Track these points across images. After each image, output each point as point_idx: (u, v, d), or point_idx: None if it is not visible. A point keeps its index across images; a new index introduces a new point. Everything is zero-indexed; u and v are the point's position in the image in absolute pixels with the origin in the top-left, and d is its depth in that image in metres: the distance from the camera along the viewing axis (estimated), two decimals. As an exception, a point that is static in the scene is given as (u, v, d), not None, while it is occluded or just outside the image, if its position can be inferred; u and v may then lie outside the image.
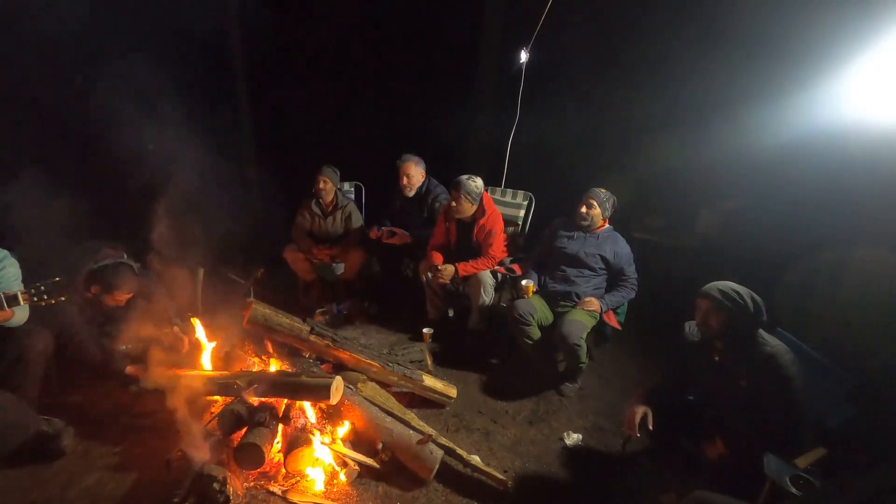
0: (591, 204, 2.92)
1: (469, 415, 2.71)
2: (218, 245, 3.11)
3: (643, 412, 2.07)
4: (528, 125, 3.81)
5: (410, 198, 3.65)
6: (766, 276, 2.75)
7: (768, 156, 3.10)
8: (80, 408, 2.45)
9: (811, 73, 2.67)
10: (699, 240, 3.82)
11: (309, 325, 2.65)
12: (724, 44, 3.39)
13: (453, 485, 2.21)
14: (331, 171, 3.61)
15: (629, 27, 4.01)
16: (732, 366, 1.96)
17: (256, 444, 2.08)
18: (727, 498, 1.59)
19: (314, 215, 3.70)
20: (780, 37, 3.01)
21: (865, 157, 2.55)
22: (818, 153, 2.75)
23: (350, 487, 2.14)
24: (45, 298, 2.06)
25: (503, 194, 3.78)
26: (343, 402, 2.30)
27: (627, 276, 2.93)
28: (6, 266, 2.22)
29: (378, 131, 4.98)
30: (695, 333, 2.13)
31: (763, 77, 3.17)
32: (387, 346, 3.27)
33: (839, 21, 2.52)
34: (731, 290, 1.90)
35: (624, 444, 2.42)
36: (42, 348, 2.25)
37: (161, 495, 1.98)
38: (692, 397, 2.24)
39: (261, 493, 2.07)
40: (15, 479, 2.08)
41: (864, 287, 2.63)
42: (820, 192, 2.85)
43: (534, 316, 2.82)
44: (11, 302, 2.06)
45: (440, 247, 3.38)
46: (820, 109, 2.64)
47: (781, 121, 2.89)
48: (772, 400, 1.85)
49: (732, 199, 3.69)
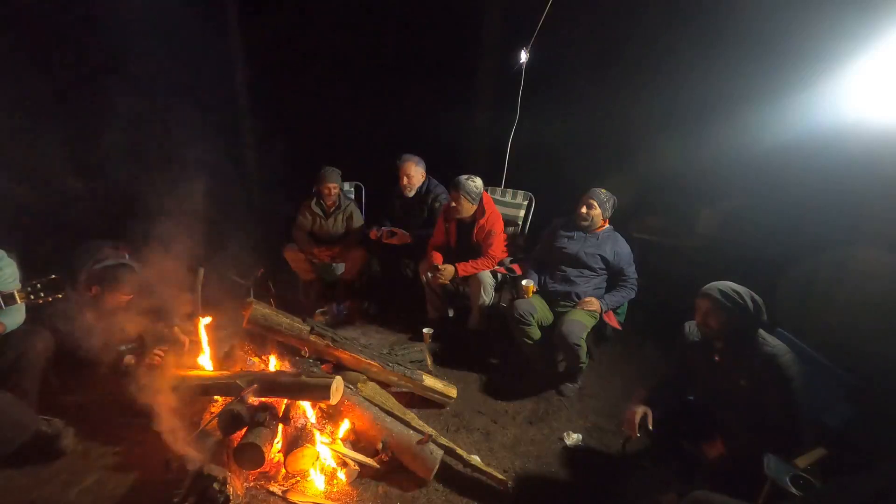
0: (591, 204, 2.92)
1: (469, 415, 2.71)
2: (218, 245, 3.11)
3: (643, 412, 2.07)
4: (528, 125, 3.81)
5: (410, 198, 3.65)
6: (766, 276, 2.75)
7: (768, 156, 3.10)
8: (80, 408, 2.45)
9: (811, 73, 2.67)
10: (699, 240, 3.82)
11: (309, 325, 2.66)
12: (724, 44, 3.38)
13: (453, 485, 2.21)
14: (335, 174, 3.60)
15: (629, 27, 4.01)
16: (732, 366, 1.96)
17: (256, 444, 2.08)
18: (727, 498, 1.58)
19: (315, 216, 3.70)
20: (780, 37, 3.01)
21: (865, 157, 2.54)
22: (818, 153, 2.75)
23: (350, 487, 2.14)
24: (41, 296, 2.06)
25: (503, 194, 3.78)
26: (343, 402, 2.30)
27: (627, 277, 2.93)
28: (3, 266, 2.23)
29: (378, 131, 4.99)
30: (695, 333, 2.12)
31: (763, 77, 3.17)
32: (387, 346, 3.26)
33: (839, 21, 2.51)
34: (731, 291, 1.90)
35: (624, 444, 2.42)
36: (42, 348, 2.25)
37: (161, 495, 1.97)
38: (692, 397, 2.24)
39: (261, 493, 2.08)
40: (15, 479, 2.08)
41: (864, 287, 2.63)
42: (820, 192, 2.85)
43: (534, 316, 2.82)
44: (8, 301, 2.06)
45: (440, 247, 3.38)
46: (820, 109, 2.64)
47: (781, 121, 2.89)
48: (772, 400, 1.85)
49: (732, 200, 3.69)
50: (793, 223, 3.08)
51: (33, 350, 2.21)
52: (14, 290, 2.06)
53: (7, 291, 2.06)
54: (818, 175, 2.83)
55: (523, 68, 3.62)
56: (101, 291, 2.54)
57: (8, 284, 2.21)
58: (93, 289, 2.54)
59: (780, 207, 3.21)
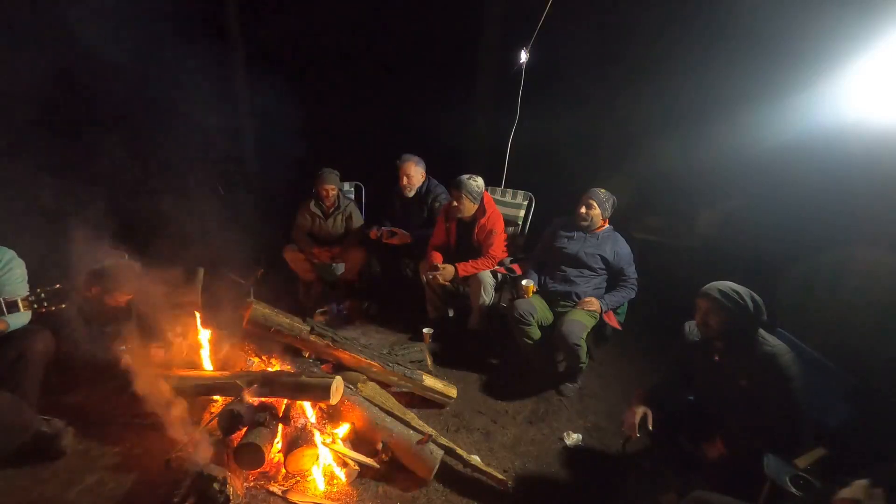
0: (591, 204, 2.92)
1: (469, 415, 2.71)
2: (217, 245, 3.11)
3: (643, 412, 2.07)
4: (528, 125, 3.81)
5: (410, 198, 3.65)
6: (766, 276, 2.75)
7: (768, 156, 3.10)
8: (80, 408, 2.45)
9: (811, 74, 2.67)
10: (699, 240, 3.83)
11: (309, 325, 2.65)
12: (724, 44, 3.39)
13: (453, 485, 2.21)
14: (333, 176, 3.60)
15: (629, 27, 4.02)
16: (732, 366, 1.96)
17: (256, 444, 2.08)
18: (727, 498, 1.59)
19: (314, 216, 3.70)
20: (780, 37, 3.01)
21: (865, 157, 2.54)
22: (818, 153, 2.75)
23: (350, 487, 2.14)
24: (45, 305, 2.05)
25: (503, 194, 3.78)
26: (343, 402, 2.30)
27: (627, 276, 2.93)
28: (13, 267, 2.23)
29: (378, 131, 4.99)
30: (695, 333, 2.12)
31: (763, 77, 3.17)
32: (387, 346, 3.26)
33: (839, 21, 2.51)
34: (731, 291, 1.90)
35: (624, 444, 2.42)
36: (42, 348, 2.24)
37: (161, 495, 1.98)
38: (692, 397, 2.24)
39: (261, 493, 2.08)
40: (15, 478, 2.08)
41: (864, 287, 2.62)
42: (820, 192, 2.85)
43: (534, 316, 2.82)
44: (11, 308, 2.05)
45: (440, 247, 3.37)
46: (820, 110, 2.64)
47: (781, 121, 2.89)
48: (772, 400, 1.85)
49: (732, 200, 3.69)
50: (792, 223, 3.08)
51: (33, 350, 2.21)
52: (18, 297, 2.05)
53: (11, 299, 2.05)
54: (818, 175, 2.83)
55: (523, 68, 3.62)
56: (100, 291, 2.54)
57: (17, 285, 2.21)
58: (93, 289, 2.54)
59: (780, 207, 3.21)
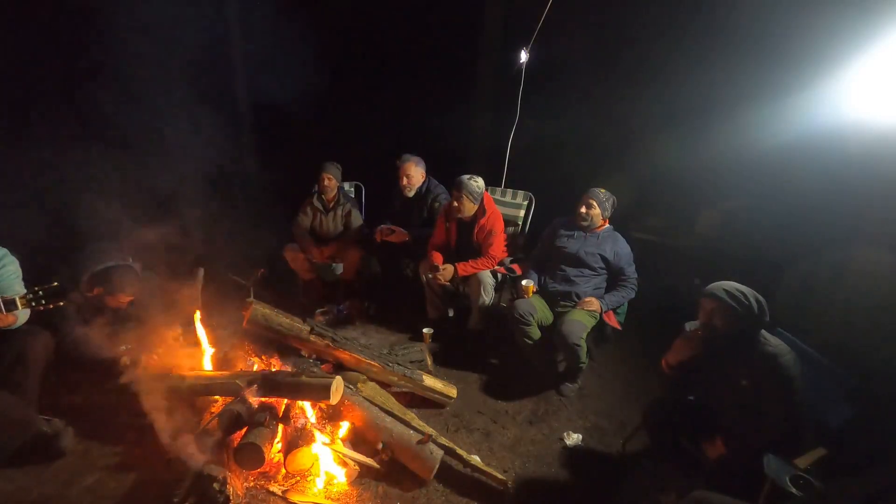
0: (591, 204, 2.92)
1: (469, 415, 2.71)
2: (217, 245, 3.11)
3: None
4: (528, 125, 3.81)
5: (410, 198, 3.65)
6: (767, 276, 2.76)
7: (768, 156, 3.09)
8: (80, 408, 2.45)
9: (811, 73, 2.67)
10: (699, 240, 3.82)
11: (309, 325, 2.66)
12: (724, 44, 3.38)
13: (453, 485, 2.21)
14: (334, 167, 3.67)
15: (629, 27, 4.01)
16: (733, 366, 1.96)
17: (256, 444, 2.08)
18: (727, 498, 1.58)
19: (316, 210, 3.74)
20: (780, 37, 3.00)
21: (865, 157, 2.54)
22: (818, 153, 2.75)
23: (350, 487, 2.15)
24: (42, 303, 2.05)
25: (503, 194, 3.78)
26: (343, 402, 2.30)
27: (627, 276, 2.93)
28: (6, 264, 2.23)
29: (378, 131, 4.98)
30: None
31: (763, 77, 3.17)
32: (387, 346, 3.27)
33: (839, 21, 2.51)
34: (736, 291, 1.90)
35: (624, 444, 2.42)
36: (42, 348, 2.24)
37: (161, 495, 1.97)
38: (692, 397, 2.24)
39: (261, 493, 2.08)
40: (15, 478, 2.08)
41: (864, 287, 2.63)
42: (820, 192, 2.85)
43: (534, 316, 2.82)
44: (10, 306, 2.05)
45: (440, 247, 3.37)
46: (820, 109, 2.64)
47: (781, 121, 2.89)
48: (772, 400, 1.85)
49: (732, 200, 3.69)
50: (793, 223, 3.08)
51: (33, 350, 2.21)
52: (16, 295, 2.05)
53: (9, 297, 2.05)
54: (818, 175, 2.83)
55: (523, 68, 3.62)
56: (102, 292, 2.54)
57: (11, 283, 2.21)
58: (95, 290, 2.54)
59: (780, 207, 3.21)
